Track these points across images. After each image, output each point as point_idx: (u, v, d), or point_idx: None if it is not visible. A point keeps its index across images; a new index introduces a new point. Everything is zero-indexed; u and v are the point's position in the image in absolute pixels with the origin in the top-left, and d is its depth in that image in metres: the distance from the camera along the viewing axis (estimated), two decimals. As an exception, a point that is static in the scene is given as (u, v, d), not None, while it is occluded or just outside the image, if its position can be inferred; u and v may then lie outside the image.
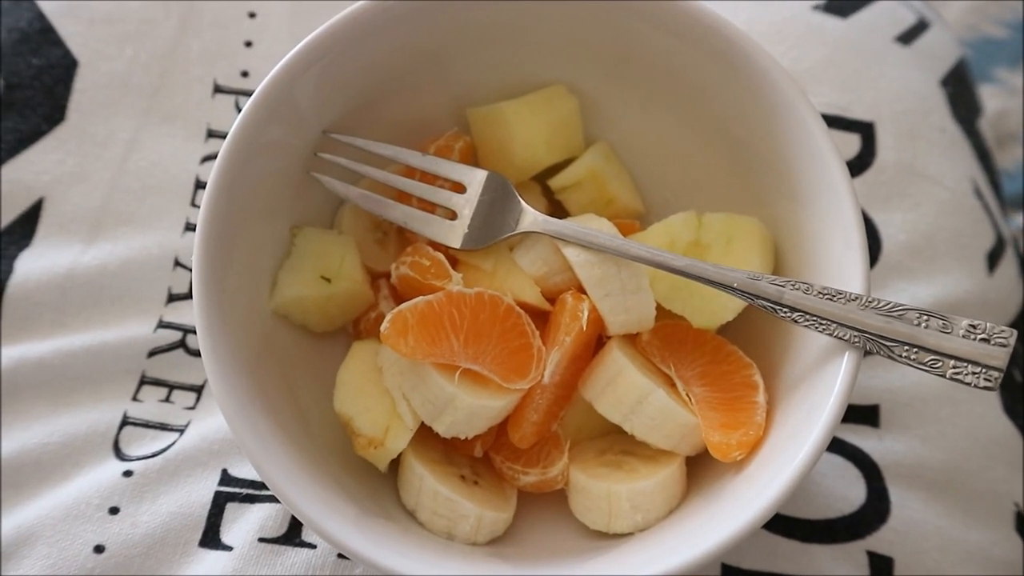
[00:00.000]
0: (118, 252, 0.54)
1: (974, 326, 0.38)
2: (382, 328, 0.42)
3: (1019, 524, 0.51)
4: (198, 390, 0.52)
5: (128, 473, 0.49)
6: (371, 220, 0.50)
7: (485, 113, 0.50)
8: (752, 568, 0.48)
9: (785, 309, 0.40)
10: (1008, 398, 0.54)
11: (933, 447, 0.52)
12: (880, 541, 0.49)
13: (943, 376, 0.38)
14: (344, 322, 0.49)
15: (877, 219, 0.56)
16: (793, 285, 0.40)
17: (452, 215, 0.47)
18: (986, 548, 0.50)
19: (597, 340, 0.46)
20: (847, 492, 0.50)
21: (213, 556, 0.47)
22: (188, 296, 0.54)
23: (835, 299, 0.40)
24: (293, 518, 0.48)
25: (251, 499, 0.49)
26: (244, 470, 0.49)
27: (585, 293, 0.44)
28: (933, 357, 0.38)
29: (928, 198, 0.57)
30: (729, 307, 0.45)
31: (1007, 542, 0.51)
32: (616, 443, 0.47)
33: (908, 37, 0.63)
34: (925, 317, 0.38)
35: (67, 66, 0.58)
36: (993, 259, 0.57)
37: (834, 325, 0.39)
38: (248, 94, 0.43)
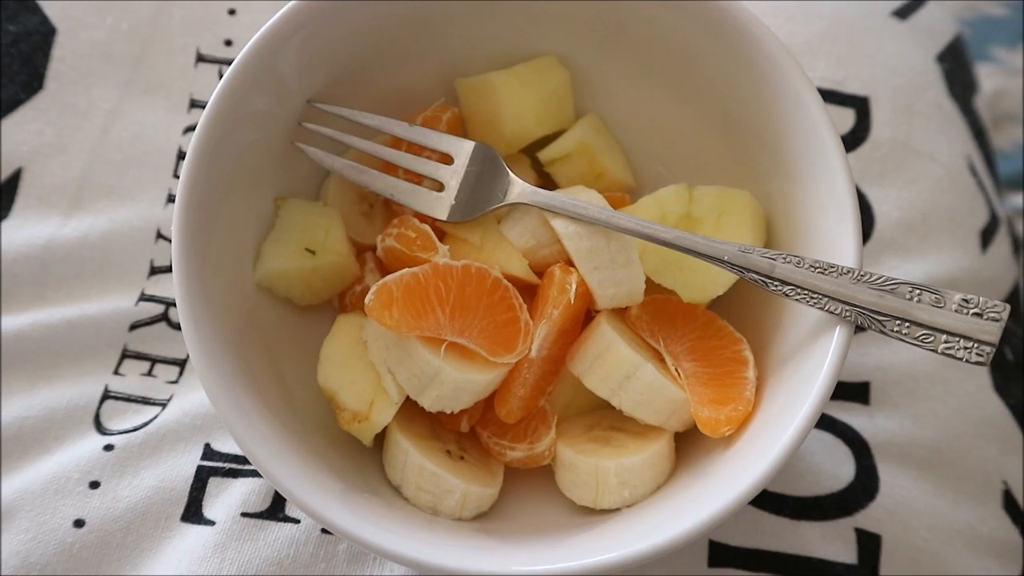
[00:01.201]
0: (99, 224, 0.53)
1: (967, 300, 0.37)
2: (367, 300, 0.41)
3: (1007, 502, 0.51)
4: (181, 364, 0.52)
5: (109, 447, 0.49)
6: (357, 192, 0.49)
7: (474, 84, 0.49)
8: (740, 545, 0.48)
9: (776, 282, 0.40)
10: (999, 377, 0.54)
11: (923, 425, 0.51)
12: (868, 518, 0.49)
13: (935, 351, 0.37)
14: (329, 295, 0.48)
15: (871, 195, 0.56)
16: (785, 258, 0.40)
17: (439, 187, 0.46)
18: (974, 526, 0.50)
19: (586, 314, 0.45)
20: (836, 469, 0.50)
21: (195, 531, 0.47)
22: (171, 269, 0.52)
23: (827, 273, 0.39)
24: (276, 493, 0.48)
25: (234, 473, 0.48)
26: (227, 444, 0.49)
27: (574, 266, 0.44)
28: (925, 332, 0.37)
29: (923, 175, 0.57)
30: (719, 281, 0.44)
31: (995, 520, 0.51)
32: (604, 419, 0.46)
33: (905, 12, 0.62)
34: (917, 291, 0.38)
35: (45, 33, 0.56)
36: (986, 237, 0.57)
37: (825, 299, 0.39)
38: (232, 63, 0.42)
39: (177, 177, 0.55)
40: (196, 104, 0.56)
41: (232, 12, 0.58)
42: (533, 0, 0.47)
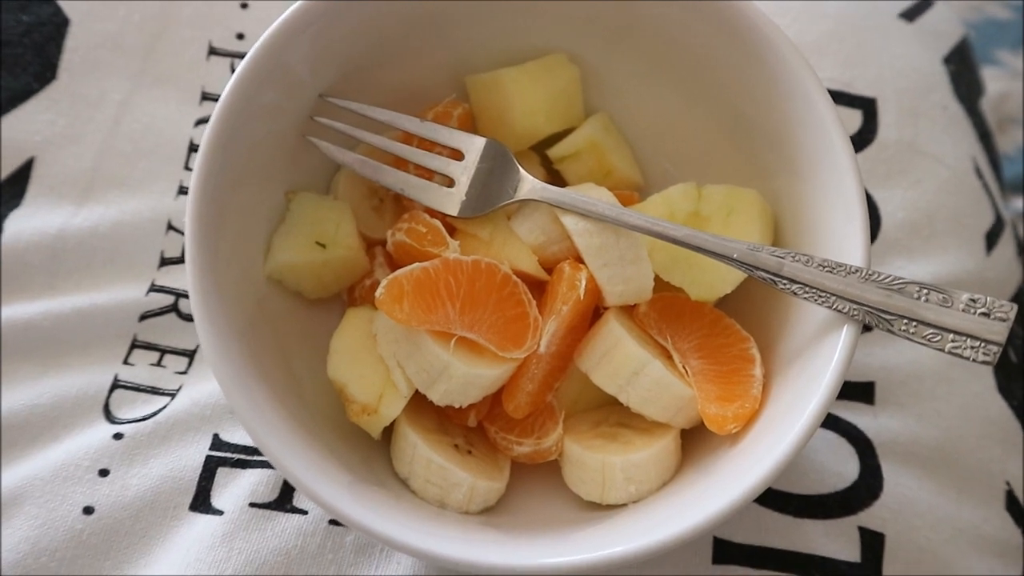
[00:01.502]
0: (110, 215, 0.53)
1: (974, 300, 0.37)
2: (377, 293, 0.41)
3: (1010, 503, 0.52)
4: (190, 355, 0.52)
5: (118, 436, 0.49)
6: (367, 186, 0.49)
7: (484, 81, 0.49)
8: (744, 542, 0.48)
9: (784, 281, 0.40)
10: (1003, 378, 0.54)
11: (927, 425, 0.52)
12: (872, 517, 0.49)
13: (942, 350, 0.37)
14: (339, 289, 0.48)
15: (877, 196, 0.56)
16: (793, 257, 0.40)
17: (449, 182, 0.46)
18: (977, 525, 0.50)
19: (594, 311, 0.46)
20: (840, 468, 0.50)
21: (204, 520, 0.47)
22: (181, 260, 0.53)
23: (835, 271, 0.39)
24: (284, 484, 0.48)
25: (243, 464, 0.48)
26: (236, 435, 0.49)
27: (583, 263, 0.44)
28: (932, 331, 0.38)
29: (928, 176, 0.57)
30: (728, 279, 0.45)
31: (998, 520, 0.51)
32: (611, 415, 0.46)
33: (912, 14, 0.62)
34: (925, 291, 0.38)
35: (58, 24, 0.56)
36: (991, 239, 0.57)
37: (833, 298, 0.39)
38: (244, 57, 0.42)
39: (188, 169, 0.55)
40: (208, 97, 0.57)
41: (244, 6, 0.58)
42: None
